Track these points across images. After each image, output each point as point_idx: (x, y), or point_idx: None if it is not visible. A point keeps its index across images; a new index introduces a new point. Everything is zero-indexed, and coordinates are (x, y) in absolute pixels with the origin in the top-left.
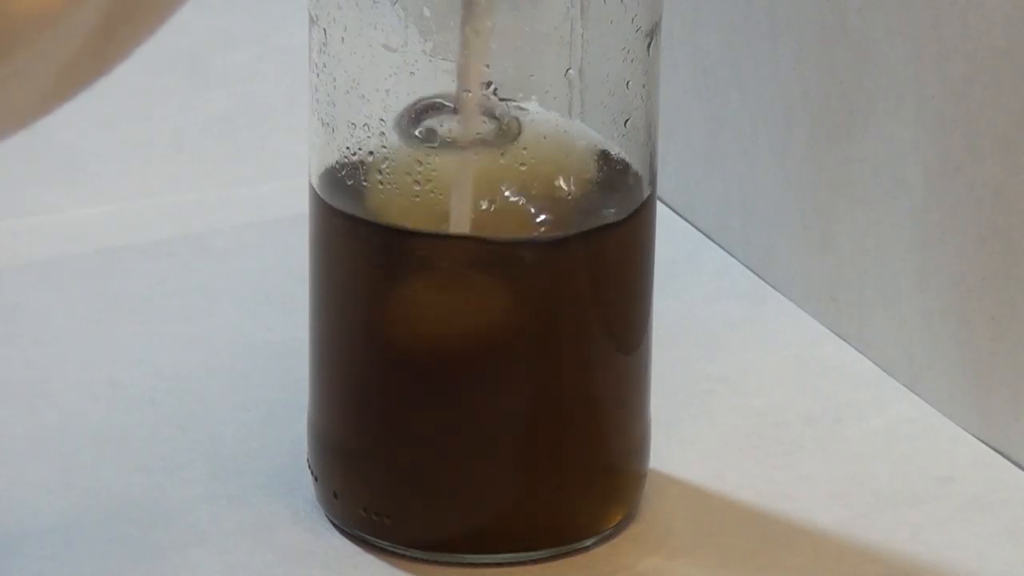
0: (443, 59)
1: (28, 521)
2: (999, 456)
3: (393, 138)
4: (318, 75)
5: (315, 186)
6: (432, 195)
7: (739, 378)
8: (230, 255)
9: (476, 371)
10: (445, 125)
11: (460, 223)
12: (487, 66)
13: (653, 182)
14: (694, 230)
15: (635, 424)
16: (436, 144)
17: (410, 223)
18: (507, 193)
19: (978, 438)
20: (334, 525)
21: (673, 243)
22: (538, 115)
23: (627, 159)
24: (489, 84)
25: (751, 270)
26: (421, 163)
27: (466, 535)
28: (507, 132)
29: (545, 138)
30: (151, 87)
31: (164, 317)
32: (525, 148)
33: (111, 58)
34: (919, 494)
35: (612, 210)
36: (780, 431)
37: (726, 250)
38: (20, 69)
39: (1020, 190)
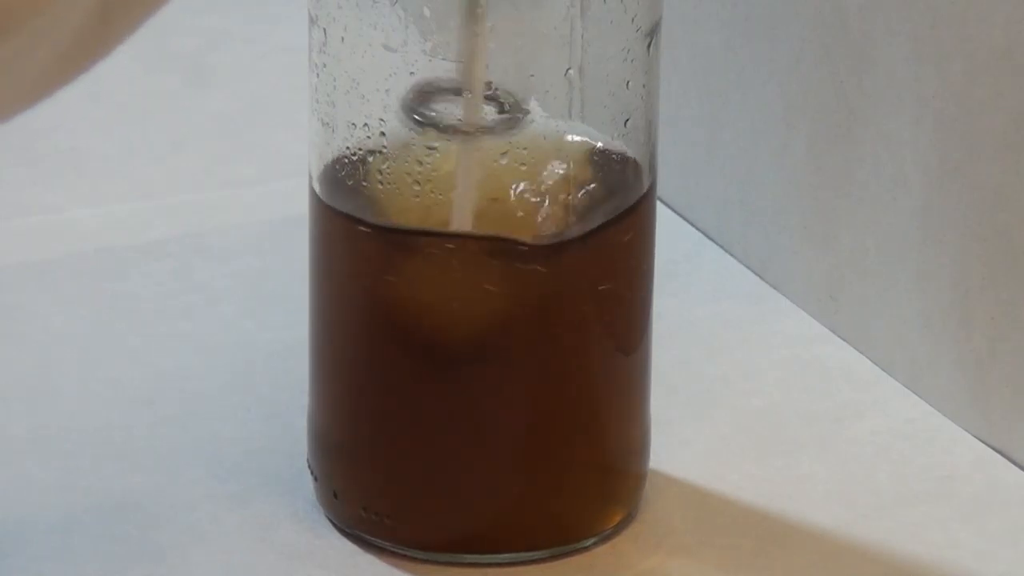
0: (443, 59)
1: (28, 521)
2: (999, 456)
3: (393, 138)
4: (318, 75)
5: (315, 186)
6: (432, 195)
7: (739, 378)
8: (230, 255)
9: (476, 371)
10: (448, 111)
11: (462, 217)
12: (487, 66)
13: (653, 182)
14: (694, 230)
15: (635, 424)
16: (439, 128)
17: (410, 223)
18: (507, 193)
19: (978, 438)
20: (334, 525)
21: (673, 243)
22: (538, 115)
23: (627, 159)
24: (490, 84)
25: (751, 270)
26: (421, 163)
27: (466, 535)
28: (512, 118)
29: (545, 138)
30: (151, 87)
31: (164, 317)
32: (525, 148)
33: (110, 39)
34: (919, 494)
35: (612, 210)
36: (780, 431)
37: (726, 250)
38: (19, 48)
39: (1020, 190)
